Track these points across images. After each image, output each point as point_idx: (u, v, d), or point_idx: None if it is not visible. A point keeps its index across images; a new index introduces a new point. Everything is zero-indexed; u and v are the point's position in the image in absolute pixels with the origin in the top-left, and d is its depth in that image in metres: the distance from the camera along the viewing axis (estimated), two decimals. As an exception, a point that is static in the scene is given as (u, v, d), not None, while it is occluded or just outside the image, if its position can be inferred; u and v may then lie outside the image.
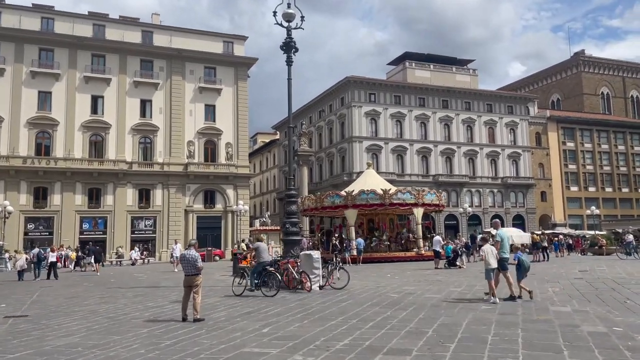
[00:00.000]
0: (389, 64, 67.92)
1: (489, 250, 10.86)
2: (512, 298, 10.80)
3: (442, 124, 59.50)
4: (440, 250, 23.08)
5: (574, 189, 66.12)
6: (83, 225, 44.04)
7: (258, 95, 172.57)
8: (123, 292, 15.87)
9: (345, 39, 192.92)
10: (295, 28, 16.38)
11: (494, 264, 10.71)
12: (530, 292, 10.97)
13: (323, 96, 62.19)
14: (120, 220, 44.80)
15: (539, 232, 30.96)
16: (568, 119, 68.09)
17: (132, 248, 42.88)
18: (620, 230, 47.04)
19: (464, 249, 23.04)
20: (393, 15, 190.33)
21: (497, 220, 13.53)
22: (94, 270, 26.46)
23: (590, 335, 7.12)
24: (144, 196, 46.34)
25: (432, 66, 63.71)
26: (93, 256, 27.47)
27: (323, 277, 14.71)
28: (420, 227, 30.09)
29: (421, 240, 29.70)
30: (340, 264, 15.90)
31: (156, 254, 45.07)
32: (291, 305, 11.27)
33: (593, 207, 53.90)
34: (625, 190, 68.94)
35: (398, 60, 65.29)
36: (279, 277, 13.49)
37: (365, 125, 56.34)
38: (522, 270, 11.15)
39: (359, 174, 44.72)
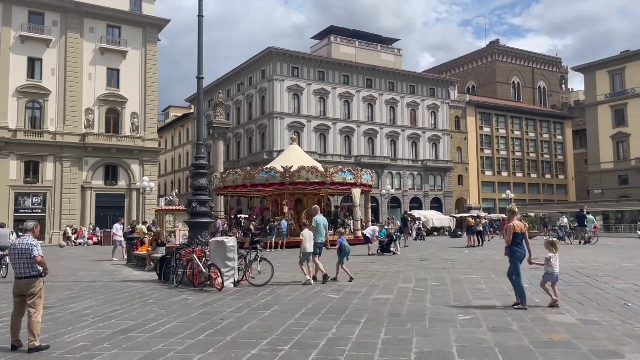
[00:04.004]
0: (313, 37, 65.02)
1: (307, 235, 11.56)
2: (325, 278, 11.45)
3: (365, 103, 57.65)
4: (370, 235, 20.79)
5: (488, 173, 67.50)
6: (-48, 203, 37.27)
7: (171, 71, 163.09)
8: (-37, 291, 11.69)
9: (261, 19, 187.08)
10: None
11: (310, 248, 11.44)
12: (351, 277, 11.57)
13: (243, 67, 57.88)
14: (2, 197, 38.41)
15: (475, 215, 29.74)
16: (486, 104, 69.13)
17: (15, 229, 36.87)
18: (532, 214, 48.03)
19: (398, 234, 20.79)
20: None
21: (316, 206, 14.37)
22: None
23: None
24: (32, 169, 40.07)
25: (357, 43, 61.56)
26: None
27: (239, 270, 11.60)
28: (357, 209, 27.57)
29: (357, 223, 27.15)
30: (261, 251, 12.81)
31: (46, 236, 39.22)
32: (193, 315, 8.03)
33: (508, 192, 54.87)
34: (534, 175, 71.59)
35: (323, 35, 62.44)
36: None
37: (288, 101, 53.10)
38: (342, 254, 11.91)
39: (280, 152, 41.47)
